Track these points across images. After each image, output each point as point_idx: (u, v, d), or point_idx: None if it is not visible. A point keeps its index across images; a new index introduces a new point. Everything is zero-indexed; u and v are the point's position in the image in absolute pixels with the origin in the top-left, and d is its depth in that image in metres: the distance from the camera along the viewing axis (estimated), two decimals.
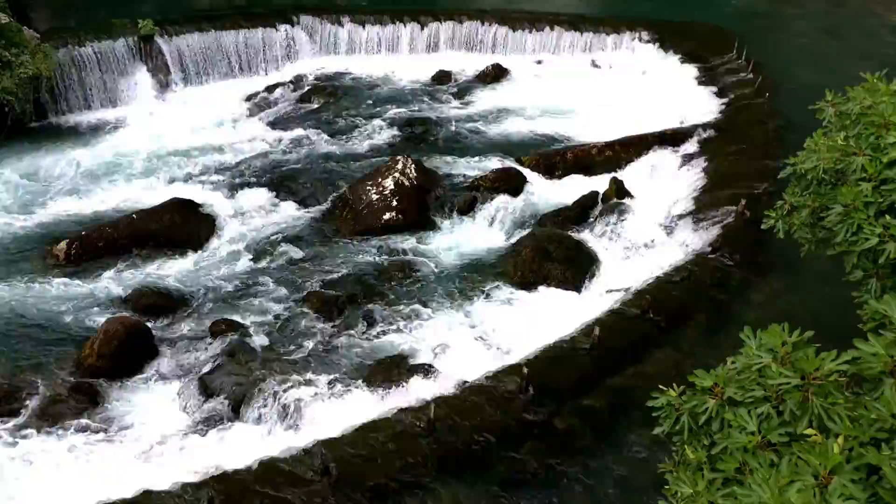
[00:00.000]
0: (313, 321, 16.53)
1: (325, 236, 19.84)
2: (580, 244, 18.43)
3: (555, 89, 28.26)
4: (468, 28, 31.53)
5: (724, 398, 6.38)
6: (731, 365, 6.67)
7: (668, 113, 25.37)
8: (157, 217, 19.02)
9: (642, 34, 30.87)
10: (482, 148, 24.10)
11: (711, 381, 6.51)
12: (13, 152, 22.27)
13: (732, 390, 6.37)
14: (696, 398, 6.55)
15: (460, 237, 19.87)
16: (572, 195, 20.54)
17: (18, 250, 18.24)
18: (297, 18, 30.04)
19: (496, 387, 13.11)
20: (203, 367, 15.07)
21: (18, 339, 15.64)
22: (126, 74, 25.83)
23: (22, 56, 21.68)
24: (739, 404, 6.31)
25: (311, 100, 27.43)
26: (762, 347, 6.43)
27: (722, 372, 6.62)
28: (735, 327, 14.70)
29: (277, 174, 22.31)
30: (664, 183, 21.12)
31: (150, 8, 29.60)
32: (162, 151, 23.12)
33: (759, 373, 6.32)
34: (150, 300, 16.75)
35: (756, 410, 6.13)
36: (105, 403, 14.35)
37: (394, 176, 20.58)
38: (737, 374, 6.53)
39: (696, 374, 6.66)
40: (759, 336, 6.54)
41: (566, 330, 14.90)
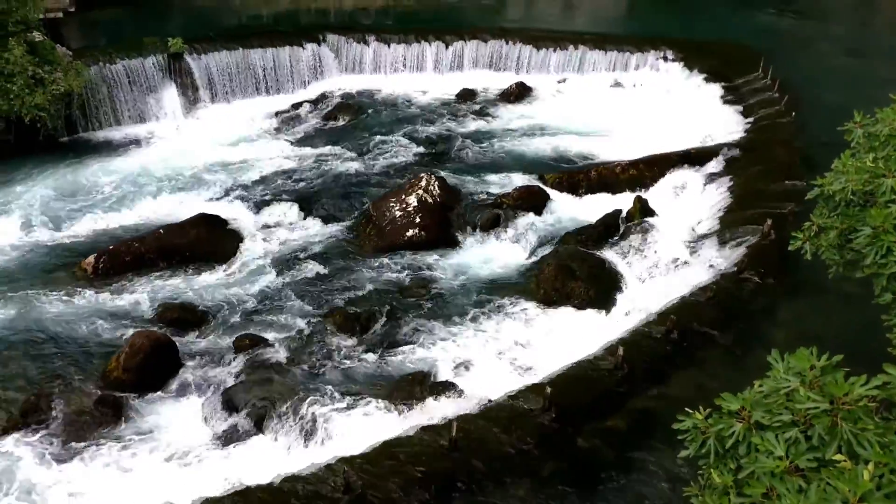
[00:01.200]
0: (336, 337, 16.59)
1: (349, 252, 19.94)
2: (604, 263, 18.36)
3: (578, 108, 28.32)
4: (492, 47, 31.74)
5: (752, 422, 6.31)
6: (758, 388, 6.61)
7: (692, 132, 25.32)
8: (183, 232, 19.24)
9: (666, 53, 30.87)
10: (505, 166, 24.17)
11: (738, 405, 6.45)
12: (44, 167, 22.67)
13: (760, 414, 6.31)
14: (723, 421, 6.49)
15: (483, 254, 19.87)
16: (596, 213, 20.50)
17: (48, 263, 18.53)
18: (323, 37, 30.44)
19: (519, 406, 13.04)
20: (227, 382, 15.15)
21: (46, 352, 15.83)
22: (155, 91, 26.27)
23: (54, 73, 22.13)
24: (767, 428, 6.25)
25: (336, 117, 27.69)
26: (790, 371, 6.38)
27: (749, 395, 6.56)
28: (761, 349, 14.65)
29: (302, 190, 22.51)
30: (688, 202, 21.03)
31: (180, 26, 30.11)
32: (189, 167, 23.44)
33: (787, 397, 6.26)
34: (175, 314, 16.90)
35: (784, 435, 6.07)
36: (129, 416, 14.46)
37: (417, 193, 20.67)
38: (764, 398, 6.47)
39: (722, 397, 6.60)
40: (786, 359, 6.48)
41: (589, 349, 14.80)
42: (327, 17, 36.24)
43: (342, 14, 36.80)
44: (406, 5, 38.27)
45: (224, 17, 34.17)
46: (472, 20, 36.29)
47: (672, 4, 40.51)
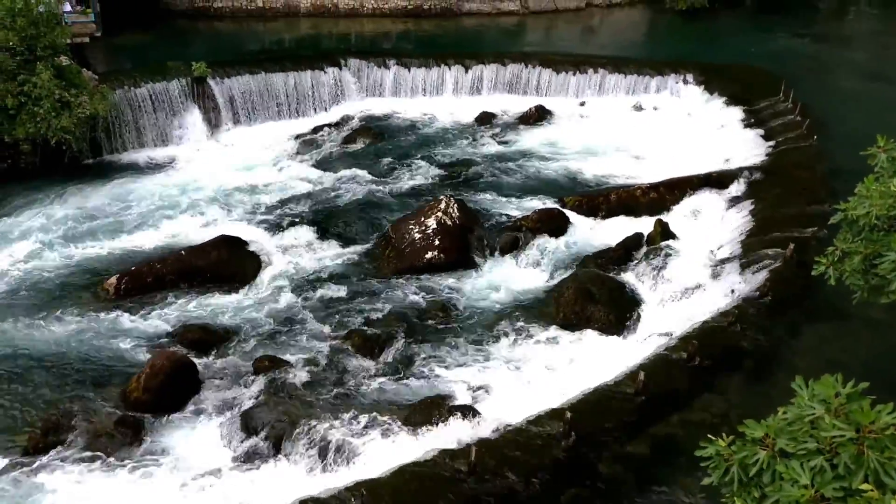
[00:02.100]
0: (355, 359, 16.59)
1: (368, 274, 19.99)
2: (624, 286, 18.27)
3: (598, 131, 28.35)
4: (511, 71, 31.93)
5: (776, 449, 6.23)
6: (782, 415, 6.53)
7: (712, 155, 25.24)
8: (204, 254, 19.39)
9: (686, 76, 30.90)
10: (524, 188, 24.21)
11: (762, 432, 6.37)
12: (69, 188, 22.99)
13: (784, 441, 6.22)
14: (747, 448, 6.40)
15: (502, 277, 19.84)
16: (616, 237, 20.44)
17: (71, 284, 18.73)
18: (344, 61, 30.78)
19: (538, 431, 12.93)
20: (245, 403, 15.17)
21: (68, 371, 15.95)
22: (179, 115, 26.63)
23: (80, 97, 22.50)
24: (791, 456, 6.15)
25: (356, 140, 27.89)
26: (815, 398, 6.29)
27: (773, 422, 6.48)
28: (783, 375, 14.48)
29: (322, 213, 22.65)
30: (709, 226, 20.92)
31: (204, 51, 30.58)
32: (211, 189, 23.68)
33: (812, 424, 6.17)
34: (195, 335, 16.99)
35: (809, 463, 5.97)
36: (149, 437, 14.50)
37: (436, 215, 20.72)
38: (788, 425, 6.38)
39: (746, 424, 6.52)
40: (811, 386, 6.39)
41: (609, 374, 14.68)
42: (348, 41, 36.69)
43: (363, 38, 37.25)
44: (426, 29, 38.67)
45: (247, 42, 34.69)
46: (491, 44, 36.59)
47: (691, 28, 40.58)
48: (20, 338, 16.75)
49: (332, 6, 38.80)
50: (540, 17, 41.68)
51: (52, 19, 22.70)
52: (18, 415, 14.86)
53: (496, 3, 41.71)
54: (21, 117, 21.74)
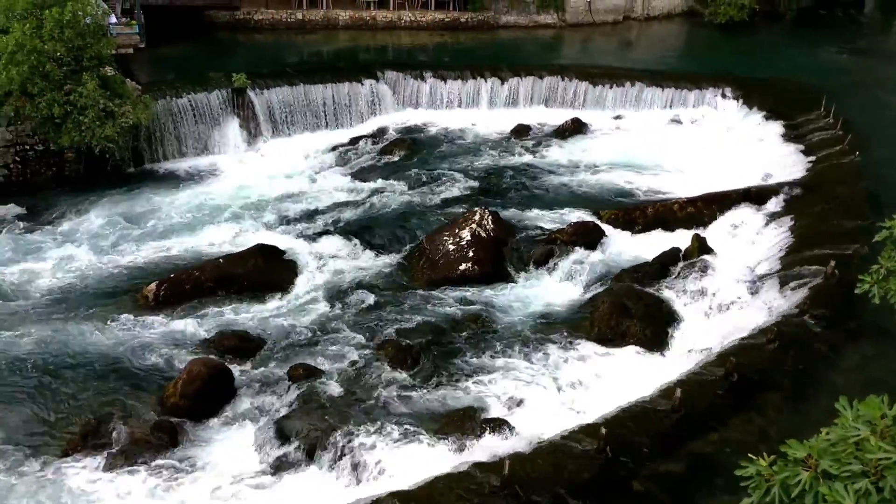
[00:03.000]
0: (388, 369, 16.61)
1: (402, 285, 20.05)
2: (660, 301, 18.07)
3: (635, 144, 28.20)
4: (548, 83, 31.94)
5: (819, 471, 6.09)
6: (825, 436, 6.38)
7: (751, 170, 24.96)
8: (242, 262, 19.61)
9: (725, 90, 30.64)
10: (559, 201, 24.14)
11: (805, 452, 6.23)
12: (111, 196, 23.46)
13: (827, 463, 6.08)
14: (789, 469, 6.26)
15: (536, 290, 19.76)
16: (652, 251, 20.25)
17: (112, 289, 19.07)
18: (381, 73, 31.04)
19: (573, 446, 12.82)
20: (280, 411, 15.27)
21: (107, 375, 16.22)
22: (218, 125, 27.04)
23: (124, 106, 22.96)
24: (835, 478, 6.01)
25: (392, 152, 28.07)
26: (859, 419, 6.14)
27: (816, 443, 6.34)
28: (824, 394, 14.23)
29: (357, 223, 22.81)
30: (748, 241, 20.65)
31: (244, 62, 31.08)
32: (249, 198, 24.00)
33: (857, 446, 6.02)
34: (232, 342, 17.17)
35: (854, 486, 5.82)
36: (184, 442, 14.67)
37: (471, 227, 20.74)
38: (832, 446, 6.24)
39: (788, 444, 6.38)
40: (855, 407, 6.25)
41: (645, 390, 14.52)
42: (385, 53, 37.06)
43: (400, 51, 37.60)
44: (463, 42, 38.89)
45: (286, 54, 35.20)
46: (528, 57, 36.66)
47: (730, 42, 40.27)
48: (61, 341, 17.07)
49: (371, 19, 39.20)
50: (577, 30, 41.68)
51: (99, 31, 23.23)
52: (57, 417, 15.14)
53: (533, 16, 41.79)
54: (66, 126, 22.24)
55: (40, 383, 15.89)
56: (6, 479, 13.45)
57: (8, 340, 16.99)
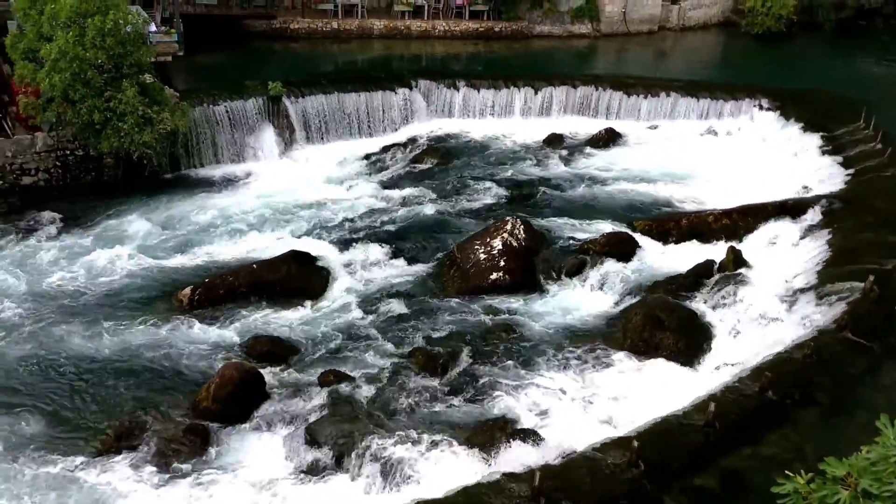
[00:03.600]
0: (417, 377, 16.63)
1: (432, 293, 20.06)
2: (694, 314, 17.86)
3: (669, 155, 27.98)
4: (582, 93, 31.83)
5: (859, 490, 5.96)
6: (865, 454, 6.26)
7: (788, 182, 24.64)
8: (275, 268, 19.77)
9: (762, 101, 30.32)
10: (592, 211, 24.01)
11: (844, 471, 6.11)
12: (148, 201, 23.82)
13: (868, 482, 5.95)
14: (828, 487, 6.14)
15: (568, 301, 19.65)
16: (686, 263, 20.04)
17: (148, 293, 19.33)
18: (414, 83, 31.15)
19: (604, 459, 12.70)
20: (310, 417, 15.33)
21: (141, 378, 16.46)
22: (254, 132, 27.32)
23: (162, 113, 23.29)
24: (875, 498, 5.89)
25: (424, 160, 28.15)
26: None
27: (856, 461, 6.21)
28: (862, 411, 13.96)
29: (389, 231, 22.90)
30: (784, 254, 20.35)
31: (280, 70, 31.44)
32: (283, 205, 24.20)
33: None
34: (264, 347, 17.30)
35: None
36: (215, 446, 14.78)
37: (502, 236, 20.71)
38: (872, 465, 6.11)
39: (827, 462, 6.27)
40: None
41: (678, 404, 14.35)
42: (419, 62, 37.22)
43: (433, 60, 37.74)
44: (496, 51, 38.95)
45: (321, 63, 35.53)
46: (561, 66, 36.60)
47: (767, 52, 39.84)
48: (97, 343, 17.36)
49: (405, 28, 39.43)
50: (612, 40, 41.53)
51: (139, 39, 23.59)
52: (92, 417, 15.37)
53: (567, 26, 41.74)
54: (106, 132, 22.62)
55: (76, 383, 16.17)
56: (42, 477, 13.68)
57: (46, 341, 17.31)
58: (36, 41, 22.47)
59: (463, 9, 40.39)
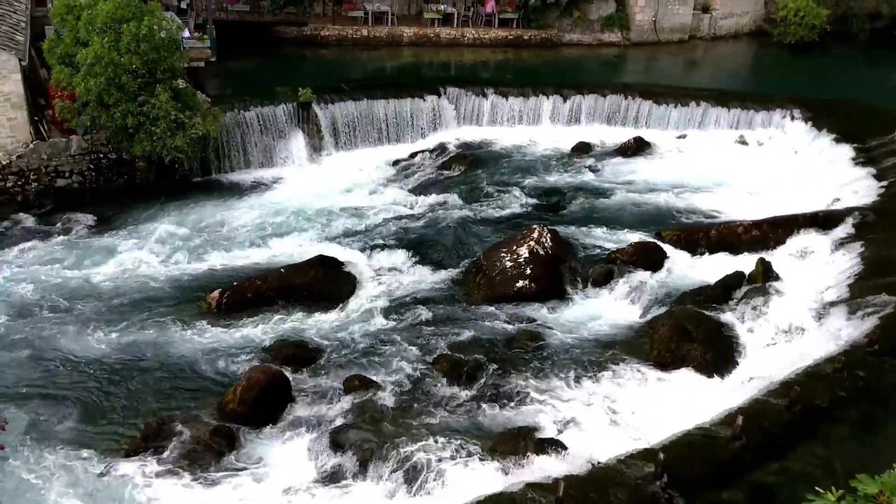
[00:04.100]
0: (442, 385, 16.62)
1: (458, 300, 20.07)
2: (722, 326, 17.68)
3: (699, 164, 27.79)
4: (610, 101, 31.73)
5: None
6: None
7: (820, 193, 24.35)
8: (302, 272, 19.90)
9: (793, 112, 30.03)
10: (620, 220, 23.89)
11: (877, 488, 6.02)
12: (178, 205, 24.13)
13: None
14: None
15: (594, 310, 19.54)
16: (715, 274, 19.85)
17: (177, 296, 19.57)
18: (443, 90, 31.25)
19: (629, 471, 12.60)
20: (334, 421, 15.39)
21: (169, 379, 16.64)
22: (284, 138, 27.58)
23: (194, 118, 23.59)
24: None
25: (451, 167, 28.20)
26: None
27: (888, 479, 6.12)
28: (893, 427, 13.69)
29: (415, 237, 22.96)
30: (815, 267, 20.09)
31: (310, 77, 31.71)
32: (311, 210, 24.39)
33: None
34: (290, 351, 17.41)
35: None
36: (241, 449, 14.87)
37: (529, 244, 20.66)
38: None
39: (858, 479, 6.18)
40: None
41: (704, 416, 14.19)
42: (448, 70, 37.34)
43: (462, 67, 37.86)
44: (525, 59, 38.98)
45: (351, 69, 35.81)
46: (591, 75, 36.53)
47: (800, 62, 39.45)
48: (127, 344, 17.60)
49: (434, 36, 39.61)
50: (642, 49, 41.38)
51: (173, 44, 23.93)
52: (121, 417, 15.56)
53: (597, 34, 41.66)
54: (139, 136, 22.96)
55: (106, 384, 16.37)
56: (72, 476, 13.86)
57: (76, 341, 17.58)
58: (72, 46, 22.89)
59: (492, 17, 40.50)
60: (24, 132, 23.10)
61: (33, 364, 16.78)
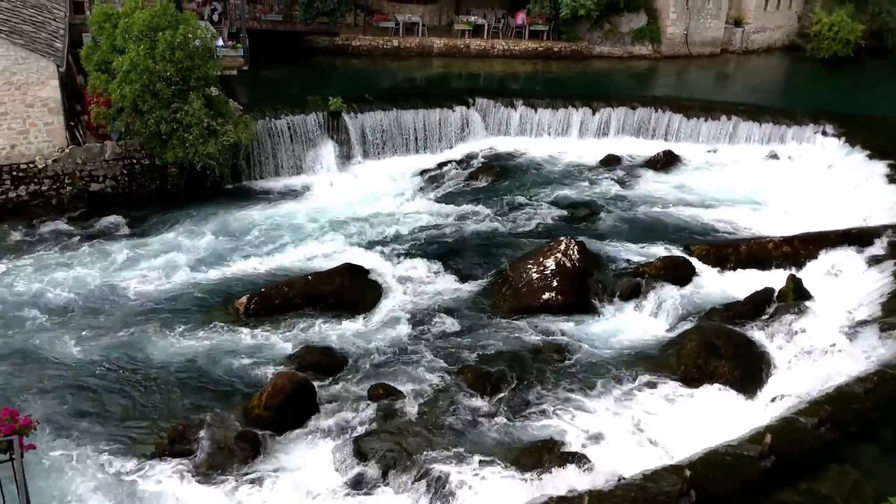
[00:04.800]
0: (466, 395, 16.59)
1: (483, 311, 20.05)
2: (751, 343, 17.48)
3: (729, 179, 27.58)
4: (640, 114, 31.62)
5: None
6: None
7: (853, 210, 24.01)
8: (329, 280, 20.01)
9: (826, 127, 29.72)
10: (648, 234, 23.75)
11: None
12: (209, 212, 24.40)
13: None
14: None
15: (621, 324, 19.43)
16: (744, 290, 19.65)
17: (206, 301, 19.75)
18: (472, 100, 31.32)
19: (654, 487, 12.47)
20: (358, 429, 15.43)
21: (196, 383, 16.77)
22: (314, 146, 27.79)
23: (226, 125, 23.87)
24: None
25: (479, 178, 28.25)
26: None
27: None
28: None
29: (442, 247, 23.00)
30: (847, 285, 19.83)
31: (340, 86, 31.98)
32: (339, 218, 24.54)
33: None
34: (316, 358, 17.48)
35: None
36: (265, 454, 14.95)
37: (556, 256, 20.60)
38: None
39: (890, 502, 6.09)
40: None
41: (732, 434, 14.02)
42: (477, 81, 37.44)
43: (492, 78, 37.95)
44: (555, 71, 38.98)
45: (381, 79, 36.06)
46: (620, 87, 36.43)
47: (834, 78, 39.04)
48: (156, 348, 17.79)
49: (464, 47, 39.77)
50: (673, 62, 41.21)
51: (206, 53, 24.26)
52: (148, 421, 15.69)
53: (628, 47, 41.56)
54: (172, 142, 23.28)
55: (133, 387, 16.56)
56: (98, 477, 14.03)
57: (106, 344, 17.81)
58: (109, 53, 23.31)
59: (523, 28, 40.57)
60: (61, 137, 23.54)
61: (63, 366, 17.02)
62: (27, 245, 21.83)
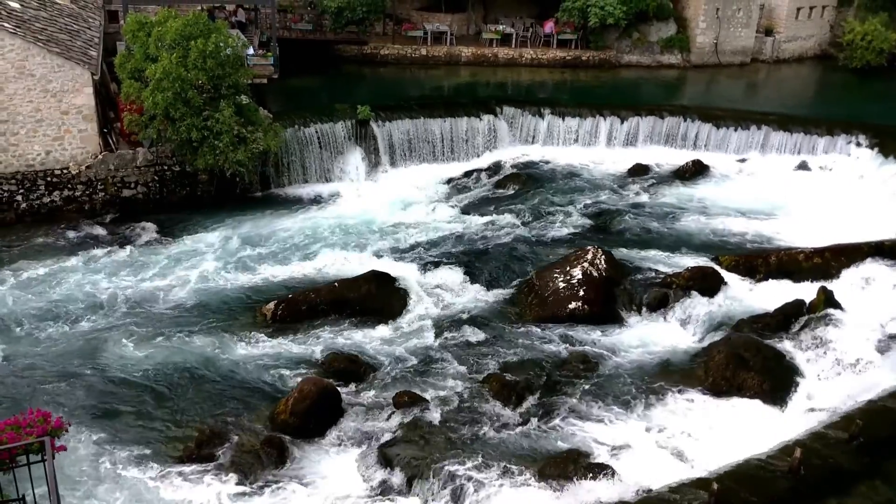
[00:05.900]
0: (491, 404, 16.55)
1: (509, 319, 20.00)
2: (781, 355, 17.25)
3: (759, 189, 27.28)
4: (669, 123, 31.41)
5: None
6: None
7: (885, 222, 23.61)
8: (356, 286, 20.12)
9: (859, 137, 29.27)
10: (676, 244, 23.56)
11: None
12: (238, 218, 24.68)
13: None
14: None
15: (647, 334, 19.27)
16: (774, 301, 19.40)
17: (234, 306, 19.97)
18: (499, 109, 31.34)
19: (681, 499, 12.34)
20: (383, 437, 15.47)
21: (223, 389, 16.94)
22: (341, 154, 28.00)
23: (256, 133, 24.14)
24: None
25: (506, 186, 28.24)
26: None
27: None
28: None
29: (468, 255, 23.00)
30: (879, 297, 19.51)
31: (368, 95, 32.16)
32: (366, 226, 24.69)
33: None
34: (341, 364, 17.56)
35: None
36: (291, 460, 15.05)
37: (582, 265, 20.50)
38: None
39: None
40: None
41: (760, 447, 13.84)
42: (505, 89, 37.43)
43: (519, 87, 37.91)
44: (583, 80, 38.84)
45: (409, 88, 36.20)
46: (649, 96, 36.22)
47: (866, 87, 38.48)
48: (184, 352, 17.99)
49: (492, 56, 39.79)
50: (702, 71, 40.88)
51: (237, 61, 24.58)
52: (176, 425, 15.87)
53: (657, 56, 41.31)
54: (202, 149, 23.59)
55: (162, 391, 16.75)
56: (126, 479, 14.21)
57: (135, 349, 18.05)
58: (142, 62, 23.70)
59: (551, 37, 40.51)
60: (94, 143, 23.96)
61: (94, 370, 17.28)
62: (59, 250, 22.25)
